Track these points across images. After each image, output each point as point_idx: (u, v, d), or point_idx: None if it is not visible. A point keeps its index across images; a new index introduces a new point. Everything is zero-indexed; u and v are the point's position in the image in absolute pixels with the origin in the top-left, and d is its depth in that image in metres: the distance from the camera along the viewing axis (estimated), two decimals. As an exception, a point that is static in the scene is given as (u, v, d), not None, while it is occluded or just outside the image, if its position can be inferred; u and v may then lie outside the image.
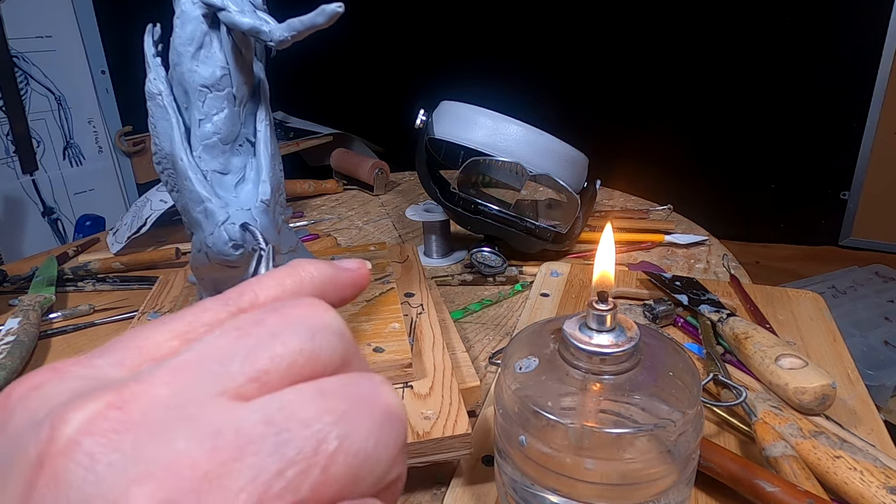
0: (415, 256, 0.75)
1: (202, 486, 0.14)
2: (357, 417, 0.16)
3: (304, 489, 0.14)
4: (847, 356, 0.61)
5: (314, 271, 0.21)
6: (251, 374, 0.16)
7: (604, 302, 0.33)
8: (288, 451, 0.15)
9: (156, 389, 0.15)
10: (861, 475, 0.42)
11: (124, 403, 0.15)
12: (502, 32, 2.28)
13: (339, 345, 0.18)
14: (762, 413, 0.49)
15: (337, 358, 0.18)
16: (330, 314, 0.18)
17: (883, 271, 1.86)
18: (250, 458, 0.14)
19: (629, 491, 0.33)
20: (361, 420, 0.16)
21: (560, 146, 0.85)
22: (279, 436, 0.15)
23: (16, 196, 1.61)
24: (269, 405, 0.15)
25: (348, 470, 0.15)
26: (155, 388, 0.15)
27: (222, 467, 0.14)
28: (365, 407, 0.16)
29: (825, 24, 1.96)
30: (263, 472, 0.14)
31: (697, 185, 2.05)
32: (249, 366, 0.16)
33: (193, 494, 0.13)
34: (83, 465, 0.14)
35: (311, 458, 0.15)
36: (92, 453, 0.14)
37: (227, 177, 0.48)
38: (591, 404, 0.34)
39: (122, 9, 1.64)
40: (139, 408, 0.15)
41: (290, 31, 0.40)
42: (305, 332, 0.17)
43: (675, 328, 0.68)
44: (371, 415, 0.16)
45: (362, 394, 0.17)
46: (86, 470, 0.14)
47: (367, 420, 0.16)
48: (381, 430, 0.16)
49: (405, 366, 0.51)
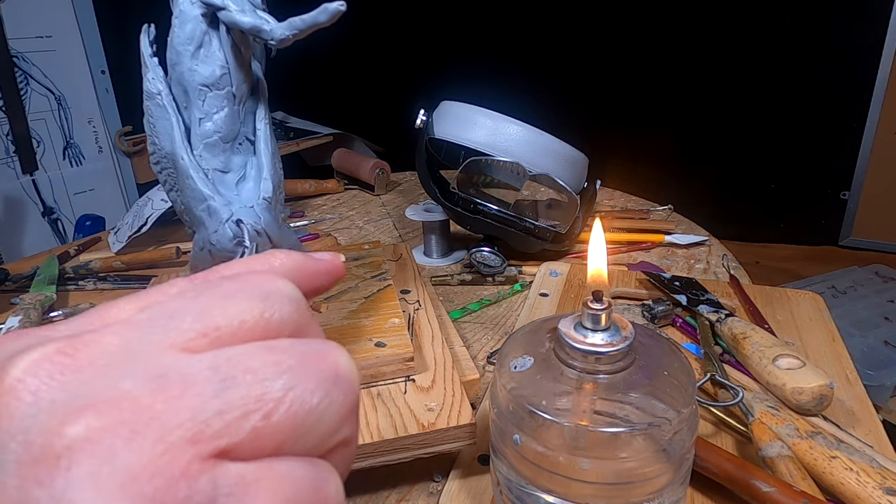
0: (408, 255, 0.76)
1: (139, 418, 0.14)
2: (304, 373, 0.16)
3: (243, 432, 0.15)
4: (846, 356, 0.61)
5: (285, 258, 0.21)
6: (201, 329, 0.16)
7: (598, 301, 0.33)
8: (231, 395, 0.15)
9: (106, 338, 0.16)
10: (857, 476, 0.42)
11: (73, 350, 0.15)
12: (503, 32, 2.27)
13: (293, 311, 0.18)
14: (759, 413, 0.49)
15: (290, 324, 0.18)
16: (284, 283, 0.18)
17: (883, 271, 1.85)
18: (192, 399, 0.14)
19: (624, 490, 0.33)
20: (309, 375, 0.16)
21: (560, 146, 0.85)
22: (223, 382, 0.15)
23: (16, 196, 1.61)
24: (217, 356, 0.16)
25: (292, 420, 0.15)
26: (105, 338, 0.16)
27: (162, 404, 0.14)
28: (313, 363, 0.16)
29: (825, 24, 1.96)
30: (203, 412, 0.14)
31: (697, 185, 2.05)
32: (200, 322, 0.16)
33: (128, 426, 0.14)
34: (26, 401, 0.14)
35: (252, 404, 0.15)
36: (36, 390, 0.14)
37: (228, 175, 0.48)
38: (586, 403, 0.34)
39: (122, 9, 1.64)
40: (87, 354, 0.15)
41: (292, 30, 0.41)
42: (258, 294, 0.18)
43: (673, 328, 0.68)
44: (319, 371, 0.16)
45: (311, 352, 0.17)
46: (28, 405, 0.14)
47: (315, 375, 0.16)
48: (328, 387, 0.16)
49: (407, 359, 0.51)
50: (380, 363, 0.50)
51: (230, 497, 0.14)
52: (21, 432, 0.13)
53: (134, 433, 0.13)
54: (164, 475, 0.13)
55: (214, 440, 0.14)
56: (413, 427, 0.45)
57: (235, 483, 0.14)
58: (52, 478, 0.13)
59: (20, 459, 0.13)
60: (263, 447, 0.15)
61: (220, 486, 0.14)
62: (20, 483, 0.13)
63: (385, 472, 0.49)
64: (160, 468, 0.13)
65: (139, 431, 0.13)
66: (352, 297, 0.60)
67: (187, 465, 0.14)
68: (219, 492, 0.14)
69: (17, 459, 0.13)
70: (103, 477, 0.13)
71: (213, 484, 0.14)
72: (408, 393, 0.50)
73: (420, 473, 0.49)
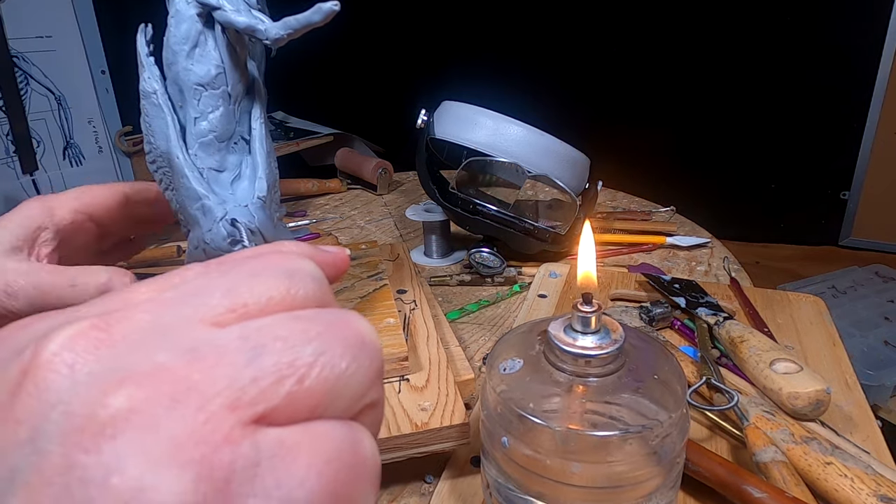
0: (405, 255, 0.76)
1: (178, 389, 0.14)
2: (332, 339, 0.17)
3: (279, 397, 0.15)
4: (846, 361, 0.60)
5: (294, 247, 0.21)
6: (230, 305, 0.17)
7: (588, 304, 0.33)
8: (263, 362, 0.15)
9: (137, 315, 0.16)
10: (852, 482, 0.41)
11: (106, 326, 0.15)
12: (504, 32, 2.27)
13: (316, 288, 0.19)
14: (754, 418, 0.48)
15: (314, 301, 0.18)
16: (307, 262, 0.19)
17: (883, 271, 1.85)
18: (226, 368, 0.15)
19: (614, 494, 0.32)
20: (336, 341, 0.17)
21: (561, 147, 0.85)
22: (255, 350, 0.15)
23: (16, 196, 1.61)
24: (245, 327, 0.16)
25: (324, 384, 0.16)
26: (136, 315, 0.16)
27: (199, 374, 0.15)
28: (339, 330, 0.17)
29: (825, 24, 1.95)
30: (239, 380, 0.15)
31: (697, 185, 2.05)
32: (228, 299, 0.17)
33: (169, 398, 0.14)
34: (63, 374, 0.14)
35: (285, 370, 0.15)
36: (73, 364, 0.14)
37: (223, 174, 0.48)
38: (576, 406, 0.34)
39: (122, 9, 1.64)
40: (120, 329, 0.15)
41: (286, 30, 0.41)
42: (283, 272, 0.18)
43: (672, 331, 0.68)
44: (345, 337, 0.17)
45: (336, 320, 0.17)
46: (65, 378, 0.14)
47: (342, 342, 0.17)
48: (355, 352, 0.17)
49: (401, 359, 0.51)
50: None
51: (274, 459, 0.14)
52: (62, 403, 0.14)
53: (174, 402, 0.14)
54: (208, 442, 0.14)
55: (252, 406, 0.15)
56: (406, 426, 0.45)
57: (277, 446, 0.15)
58: (99, 445, 0.13)
59: (63, 429, 0.13)
60: (299, 411, 0.15)
61: (263, 449, 0.14)
62: (65, 451, 0.13)
63: (378, 473, 0.49)
64: (204, 436, 0.14)
65: (179, 401, 0.14)
66: (347, 296, 0.60)
67: (229, 432, 0.14)
68: (262, 455, 0.14)
69: (60, 429, 0.13)
70: (150, 445, 0.13)
71: (256, 448, 0.14)
72: (401, 392, 0.50)
73: (412, 474, 0.49)
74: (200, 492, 0.13)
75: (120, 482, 0.13)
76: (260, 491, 0.14)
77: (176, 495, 0.13)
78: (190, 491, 0.13)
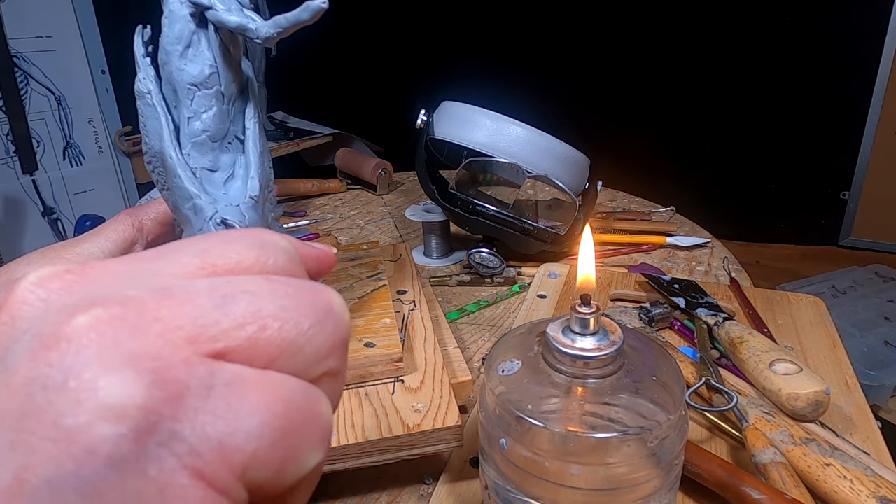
0: (408, 255, 0.75)
1: (143, 318, 0.15)
2: (299, 301, 0.17)
3: (239, 339, 0.16)
4: (846, 362, 0.60)
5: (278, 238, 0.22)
6: (200, 263, 0.18)
7: (587, 305, 0.33)
8: (229, 308, 0.16)
9: (111, 265, 0.17)
10: (851, 484, 0.41)
11: (81, 270, 0.16)
12: (504, 33, 2.27)
13: (287, 261, 0.19)
14: (753, 419, 0.48)
15: (283, 272, 0.19)
16: (281, 237, 0.20)
17: (883, 271, 1.85)
18: (192, 308, 0.16)
19: (613, 496, 0.32)
20: (303, 304, 0.17)
21: (561, 147, 0.85)
22: (223, 298, 0.16)
23: (16, 196, 1.61)
24: (217, 279, 0.17)
25: (285, 337, 0.16)
26: (111, 265, 0.17)
27: (166, 310, 0.15)
28: (308, 295, 0.17)
29: (825, 24, 1.95)
30: (203, 318, 0.15)
31: (697, 185, 2.04)
32: (200, 258, 0.18)
33: (132, 323, 0.15)
34: (36, 306, 0.15)
35: (249, 318, 0.16)
36: (46, 298, 0.16)
37: (217, 174, 0.48)
38: (575, 408, 0.33)
39: (122, 9, 1.64)
40: (94, 273, 0.16)
41: (276, 28, 0.41)
42: (256, 243, 0.19)
43: (671, 331, 0.68)
44: (313, 302, 0.17)
45: (307, 287, 0.18)
46: (38, 309, 0.15)
47: (309, 305, 0.17)
48: (320, 317, 0.17)
49: (396, 360, 0.51)
50: (368, 363, 0.50)
51: (228, 387, 0.15)
52: (33, 327, 0.15)
53: (136, 329, 0.15)
54: (164, 359, 0.14)
55: (212, 342, 0.15)
56: (398, 428, 0.45)
57: (233, 377, 0.15)
58: (61, 356, 0.14)
59: (31, 347, 0.14)
60: (256, 357, 0.16)
61: (218, 377, 0.15)
62: (32, 365, 0.14)
63: (375, 473, 0.49)
64: (161, 354, 0.14)
65: (141, 328, 0.15)
66: (346, 296, 0.60)
67: (188, 356, 0.15)
68: (216, 381, 0.15)
69: (28, 348, 0.14)
70: (108, 356, 0.14)
71: (211, 374, 0.15)
72: (395, 394, 0.49)
73: (411, 476, 0.49)
74: (152, 397, 0.14)
75: (76, 385, 0.14)
76: (210, 409, 0.14)
77: (127, 397, 0.14)
78: (141, 395, 0.14)
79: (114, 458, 0.13)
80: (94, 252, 0.44)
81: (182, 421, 0.14)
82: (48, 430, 0.13)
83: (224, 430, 0.14)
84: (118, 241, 0.46)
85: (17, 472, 0.13)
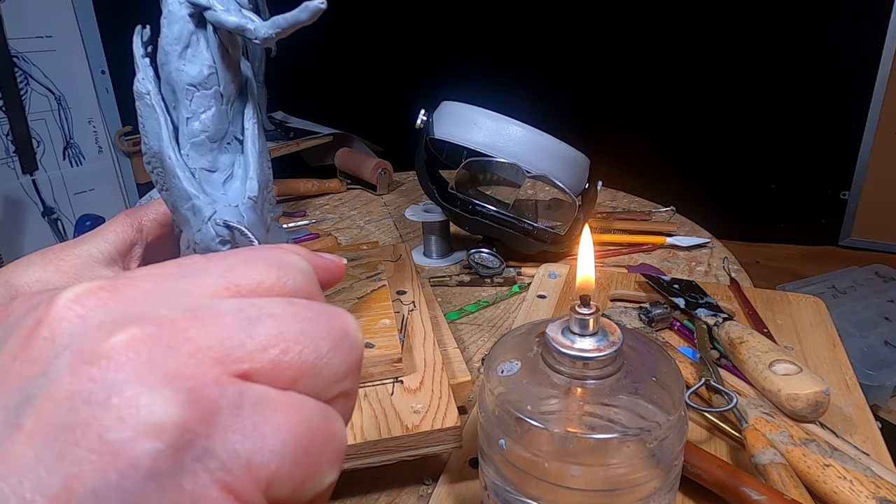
0: (408, 255, 0.75)
1: (175, 338, 0.16)
2: (318, 325, 0.18)
3: (263, 361, 0.17)
4: (846, 362, 0.60)
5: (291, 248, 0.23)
6: (225, 284, 0.18)
7: (586, 305, 0.33)
8: (254, 330, 0.17)
9: (141, 283, 0.18)
10: (851, 484, 0.41)
11: (113, 288, 0.17)
12: (504, 33, 2.27)
13: (305, 281, 0.20)
14: (753, 419, 0.48)
15: (302, 293, 0.20)
16: (299, 258, 0.21)
17: (883, 271, 1.85)
18: (220, 329, 0.16)
19: (612, 497, 0.32)
20: (322, 327, 0.18)
21: (561, 147, 0.84)
22: (249, 320, 0.17)
23: (16, 196, 1.61)
24: (243, 301, 0.18)
25: (305, 359, 0.17)
26: (140, 282, 0.18)
27: (195, 330, 0.16)
28: (326, 319, 0.18)
29: (825, 25, 1.95)
30: (231, 339, 0.16)
31: (697, 185, 2.04)
32: (224, 278, 0.19)
33: (165, 342, 0.16)
34: (74, 322, 0.16)
35: (273, 341, 0.17)
36: (84, 314, 0.16)
37: (215, 174, 0.48)
38: (574, 409, 0.33)
39: (122, 9, 1.64)
40: (126, 291, 0.17)
41: (275, 28, 0.41)
42: (275, 262, 0.20)
43: (671, 331, 0.68)
44: (331, 326, 0.18)
45: (325, 310, 0.19)
46: (75, 325, 0.16)
47: (327, 328, 0.18)
48: (337, 340, 0.18)
49: (395, 361, 0.51)
50: (367, 364, 0.50)
51: (256, 406, 0.16)
52: (73, 343, 0.15)
53: (170, 348, 0.15)
54: (198, 379, 0.15)
55: (238, 363, 0.16)
56: (397, 429, 0.45)
57: (260, 397, 0.16)
58: (103, 374, 0.15)
59: (71, 363, 0.15)
60: (278, 378, 0.17)
61: (247, 396, 0.16)
62: (74, 380, 0.15)
63: (374, 474, 0.49)
64: (195, 374, 0.15)
65: (174, 347, 0.15)
66: (345, 297, 0.60)
67: (218, 376, 0.16)
68: (245, 400, 0.16)
69: (69, 363, 0.15)
70: (146, 374, 0.15)
71: (241, 394, 0.16)
72: (395, 394, 0.49)
73: (410, 476, 0.49)
74: (188, 416, 0.15)
75: (118, 401, 0.14)
76: (239, 428, 0.15)
77: (167, 414, 0.14)
78: (179, 413, 0.15)
79: (153, 472, 0.14)
80: (93, 253, 0.44)
81: (214, 438, 0.15)
82: (93, 443, 0.14)
83: (251, 448, 0.15)
84: (117, 242, 0.46)
85: (65, 481, 0.14)
